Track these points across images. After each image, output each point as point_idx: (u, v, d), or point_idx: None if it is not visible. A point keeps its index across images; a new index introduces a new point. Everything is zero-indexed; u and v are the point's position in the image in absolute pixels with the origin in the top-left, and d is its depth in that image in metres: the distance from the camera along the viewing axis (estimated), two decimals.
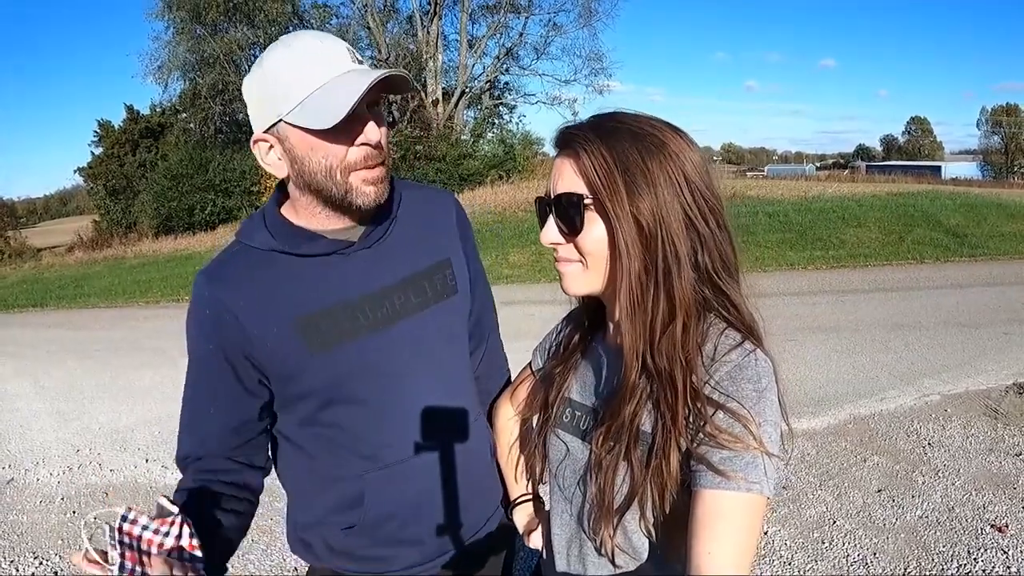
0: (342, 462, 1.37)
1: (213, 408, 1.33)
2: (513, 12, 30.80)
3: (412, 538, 1.42)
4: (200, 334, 1.31)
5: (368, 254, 1.35)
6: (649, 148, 1.00)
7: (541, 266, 13.07)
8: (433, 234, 1.47)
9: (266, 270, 1.30)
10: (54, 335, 10.62)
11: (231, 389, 1.31)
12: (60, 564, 3.66)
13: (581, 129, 1.04)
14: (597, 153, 1.00)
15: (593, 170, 1.01)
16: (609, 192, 0.99)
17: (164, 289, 14.60)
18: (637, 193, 0.98)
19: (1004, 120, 68.03)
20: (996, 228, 14.08)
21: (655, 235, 0.99)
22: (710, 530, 0.91)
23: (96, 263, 20.71)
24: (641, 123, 1.03)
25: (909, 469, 4.28)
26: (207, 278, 1.31)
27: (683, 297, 1.00)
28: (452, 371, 1.48)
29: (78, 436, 5.72)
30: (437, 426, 1.42)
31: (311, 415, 1.35)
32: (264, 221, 1.34)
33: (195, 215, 26.48)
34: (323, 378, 1.31)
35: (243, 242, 1.34)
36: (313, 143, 1.22)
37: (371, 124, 1.23)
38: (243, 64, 31.54)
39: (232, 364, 1.29)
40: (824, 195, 18.14)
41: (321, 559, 1.44)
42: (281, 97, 1.20)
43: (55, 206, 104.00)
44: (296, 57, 1.20)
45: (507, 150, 28.50)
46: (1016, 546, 3.36)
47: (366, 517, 1.37)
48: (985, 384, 5.74)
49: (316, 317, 1.29)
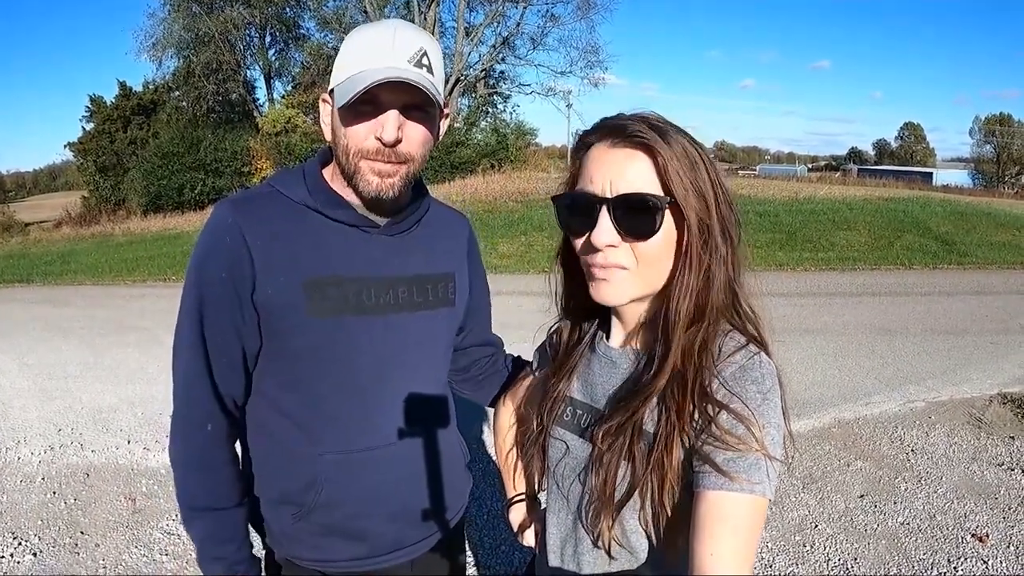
0: (312, 438, 1.37)
1: (221, 339, 1.31)
2: (511, 1, 30.81)
3: (361, 530, 1.42)
4: (216, 260, 1.29)
5: (388, 241, 1.40)
6: (695, 150, 1.01)
7: (530, 257, 13.09)
8: (446, 248, 1.53)
9: (292, 221, 1.32)
10: (39, 312, 10.53)
11: (236, 324, 1.31)
12: (40, 545, 3.63)
13: (642, 125, 1.00)
14: (669, 152, 0.99)
15: (671, 171, 0.98)
16: (684, 194, 0.99)
17: (151, 268, 14.50)
18: (697, 194, 0.99)
19: (997, 129, 68.30)
20: (985, 237, 14.18)
21: (706, 236, 1.00)
22: (712, 531, 0.91)
23: (84, 239, 20.57)
24: (677, 126, 1.03)
25: (892, 475, 4.30)
26: (234, 206, 1.32)
27: (715, 300, 1.01)
28: (433, 373, 1.52)
29: (60, 415, 5.67)
30: (413, 422, 1.44)
31: (295, 380, 1.36)
32: (304, 176, 1.37)
33: (185, 194, 26.36)
34: (315, 343, 1.33)
35: (277, 189, 1.36)
36: (339, 120, 1.29)
37: (391, 123, 1.26)
38: (238, 43, 31.42)
39: (241, 299, 1.29)
40: (815, 197, 18.21)
41: (279, 545, 1.45)
42: (339, 68, 1.29)
43: (44, 180, 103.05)
44: (365, 41, 1.27)
45: (500, 140, 28.51)
46: (996, 556, 3.38)
47: (317, 500, 1.38)
48: (970, 393, 5.77)
49: (324, 282, 1.32)
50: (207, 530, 1.37)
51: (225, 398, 1.35)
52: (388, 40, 1.25)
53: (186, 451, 1.36)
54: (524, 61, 33.09)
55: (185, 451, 1.36)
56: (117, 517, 3.94)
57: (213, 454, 1.36)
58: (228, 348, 1.32)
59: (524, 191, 19.46)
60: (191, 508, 1.37)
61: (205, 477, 1.36)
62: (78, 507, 4.07)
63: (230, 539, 1.38)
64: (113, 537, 3.72)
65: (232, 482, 1.39)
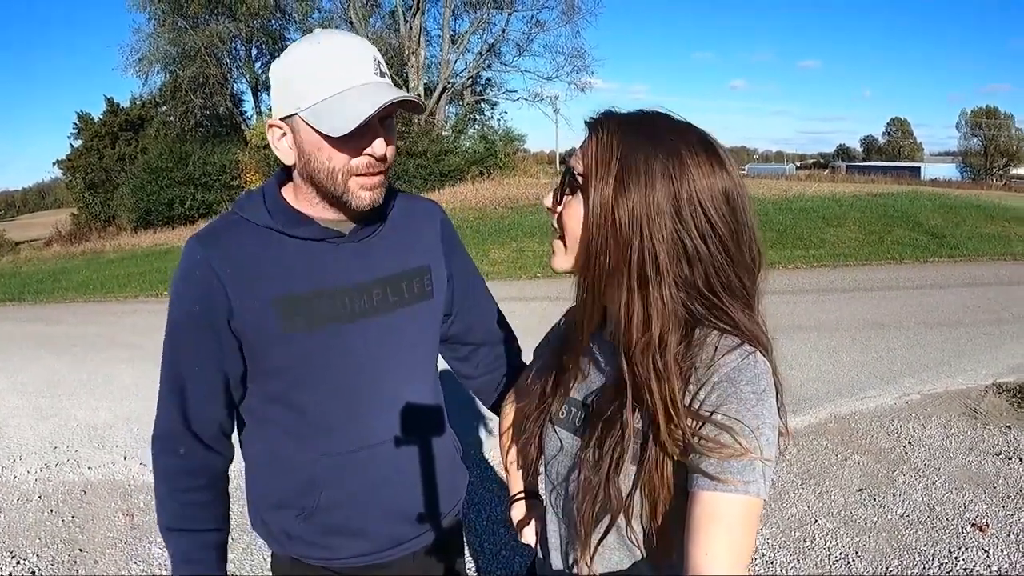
0: (303, 445, 1.40)
1: (197, 368, 1.36)
2: (496, 8, 30.85)
3: (361, 528, 1.46)
4: (189, 295, 1.33)
5: (355, 248, 1.41)
6: (660, 155, 0.98)
7: (522, 263, 13.07)
8: (417, 241, 1.53)
9: (257, 244, 1.34)
10: (31, 330, 10.49)
11: (214, 353, 1.35)
12: (38, 563, 3.61)
13: (610, 116, 1.04)
14: (606, 140, 1.01)
15: (594, 153, 1.01)
16: (595, 177, 1.00)
17: (143, 284, 14.44)
18: (623, 190, 0.98)
19: (983, 122, 68.68)
20: (975, 229, 14.22)
21: (628, 237, 0.98)
22: (707, 531, 0.91)
23: (74, 257, 20.52)
24: (673, 131, 1.02)
25: (890, 468, 4.31)
26: (200, 242, 1.34)
27: (660, 309, 0.99)
28: (418, 371, 1.53)
29: (55, 433, 5.64)
30: (401, 421, 1.47)
31: (279, 394, 1.39)
32: (263, 199, 1.38)
33: (175, 209, 26.33)
34: (293, 358, 1.36)
35: (239, 215, 1.37)
36: (320, 144, 1.27)
37: (379, 139, 1.28)
38: (224, 57, 31.40)
39: (216, 328, 1.32)
40: (805, 194, 18.26)
41: (282, 545, 1.48)
42: (300, 93, 1.25)
43: (33, 199, 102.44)
44: (321, 56, 1.25)
45: (488, 147, 28.54)
46: (996, 545, 3.39)
47: (318, 502, 1.41)
48: (965, 384, 5.78)
49: (296, 299, 1.33)
50: (179, 547, 1.42)
51: (202, 425, 1.39)
52: (342, 53, 1.26)
53: (159, 474, 1.41)
54: (510, 67, 33.17)
55: (158, 473, 1.41)
56: (115, 533, 3.92)
57: (183, 479, 1.40)
58: (206, 377, 1.36)
59: (514, 197, 19.48)
60: (164, 527, 1.42)
61: (175, 500, 1.41)
62: (76, 524, 4.05)
63: (199, 560, 1.42)
64: (112, 553, 3.70)
65: (204, 507, 1.43)
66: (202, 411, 1.38)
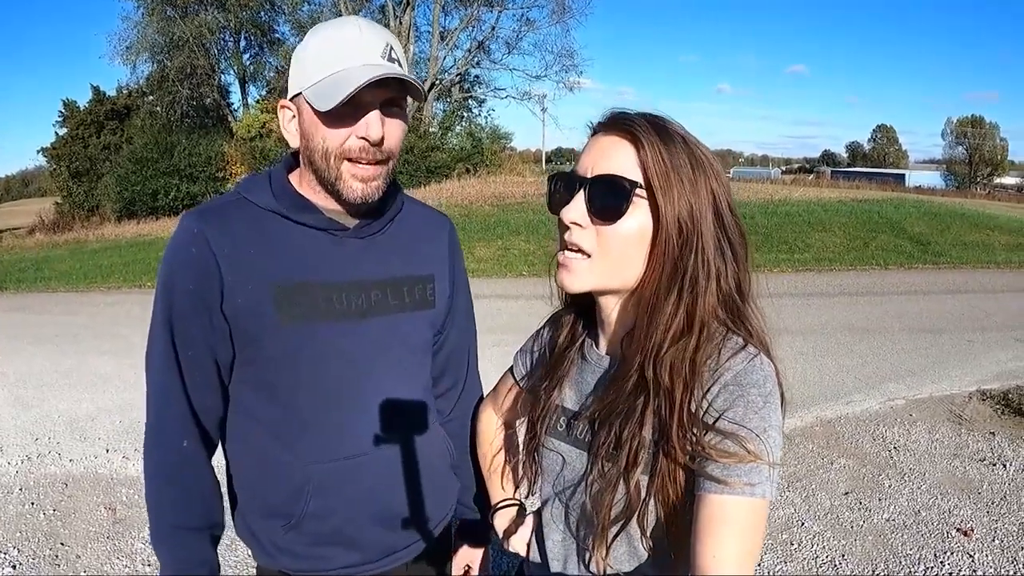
0: (292, 447, 1.34)
1: (192, 353, 1.29)
2: (486, 6, 30.87)
3: (352, 538, 1.40)
4: (183, 273, 1.27)
5: (359, 244, 1.37)
6: (699, 160, 1.00)
7: (507, 260, 13.08)
8: (424, 249, 1.50)
9: (259, 227, 1.31)
10: (13, 319, 10.36)
11: (204, 335, 1.29)
12: (19, 557, 3.56)
13: (640, 119, 1.01)
14: (658, 146, 0.98)
15: (652, 161, 0.98)
16: (664, 187, 0.98)
17: (126, 275, 14.30)
18: (685, 196, 0.98)
19: (968, 131, 69.21)
20: (959, 237, 14.37)
21: (691, 242, 0.98)
22: (714, 533, 0.91)
23: (57, 246, 20.28)
24: (688, 135, 1.03)
25: (875, 472, 4.33)
26: (200, 216, 1.30)
27: (704, 314, 0.99)
28: (413, 377, 1.48)
29: (37, 424, 5.58)
30: (394, 427, 1.41)
31: (265, 384, 1.34)
32: (269, 182, 1.35)
33: (159, 200, 26.11)
34: (285, 349, 1.31)
35: (243, 195, 1.34)
36: (317, 123, 1.25)
37: (375, 120, 1.24)
38: (212, 48, 31.22)
39: (208, 308, 1.27)
40: (790, 199, 18.36)
41: (270, 557, 1.41)
42: (308, 73, 1.25)
43: (16, 186, 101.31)
44: (332, 40, 1.25)
45: (475, 144, 28.56)
46: (982, 550, 3.42)
47: (306, 510, 1.35)
48: (949, 390, 5.84)
49: (294, 288, 1.29)
50: (173, 554, 1.35)
51: (201, 413, 1.33)
52: (356, 36, 1.24)
53: (159, 467, 1.34)
54: (499, 65, 33.20)
55: (158, 467, 1.34)
56: (97, 528, 3.88)
57: (187, 471, 1.34)
58: (201, 361, 1.31)
59: (500, 195, 19.45)
60: (159, 525, 1.35)
61: (177, 493, 1.34)
62: (57, 518, 4.00)
63: (199, 563, 1.36)
64: (94, 548, 3.66)
65: (204, 501, 1.37)
66: (203, 396, 1.33)
